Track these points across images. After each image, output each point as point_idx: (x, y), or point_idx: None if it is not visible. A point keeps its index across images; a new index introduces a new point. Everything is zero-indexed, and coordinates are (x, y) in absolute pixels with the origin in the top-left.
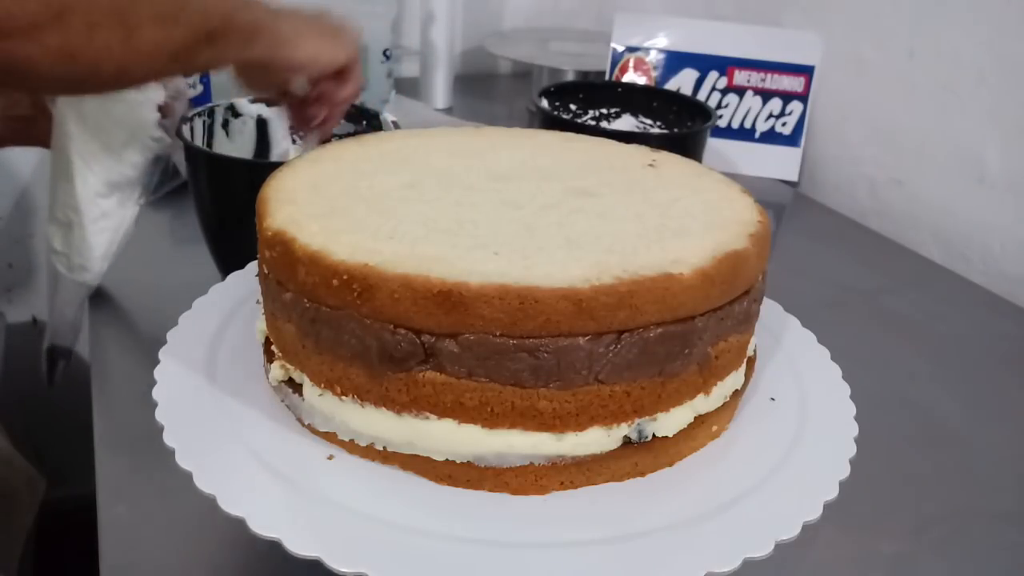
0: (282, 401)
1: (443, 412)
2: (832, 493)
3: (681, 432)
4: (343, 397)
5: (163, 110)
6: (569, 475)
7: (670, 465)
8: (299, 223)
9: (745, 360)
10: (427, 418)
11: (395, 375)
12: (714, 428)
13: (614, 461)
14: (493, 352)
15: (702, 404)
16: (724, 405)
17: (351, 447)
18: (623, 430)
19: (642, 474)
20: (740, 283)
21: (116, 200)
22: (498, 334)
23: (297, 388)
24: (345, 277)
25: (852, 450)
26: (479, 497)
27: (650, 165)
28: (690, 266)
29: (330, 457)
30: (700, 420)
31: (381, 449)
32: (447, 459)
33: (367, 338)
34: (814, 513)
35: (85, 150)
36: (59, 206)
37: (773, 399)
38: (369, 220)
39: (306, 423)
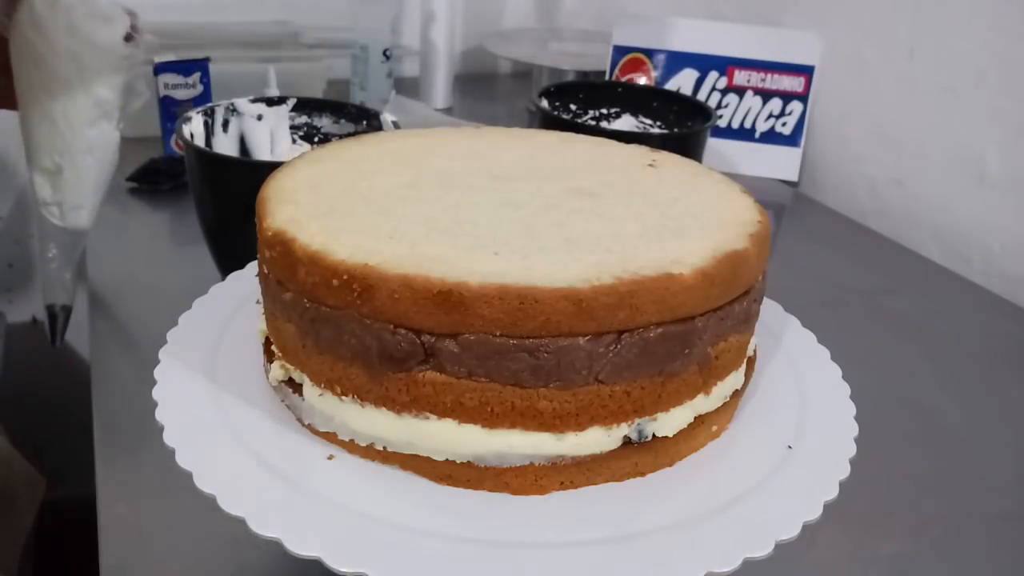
0: (282, 401)
1: (443, 412)
2: (832, 493)
3: (681, 432)
4: (343, 397)
5: (127, 36)
6: (569, 475)
7: (670, 465)
8: (299, 223)
9: (745, 360)
10: (427, 418)
11: (395, 375)
12: (714, 428)
13: (614, 461)
14: (493, 352)
15: (702, 404)
16: (724, 405)
17: (351, 447)
18: (623, 430)
19: (642, 474)
20: (740, 283)
21: (99, 130)
22: (498, 334)
23: (297, 388)
24: (345, 277)
25: (852, 450)
26: (479, 497)
27: (650, 165)
28: (690, 266)
29: (330, 457)
30: (700, 420)
31: (381, 449)
32: (447, 459)
33: (367, 338)
34: (814, 513)
35: (64, 78)
36: (43, 154)
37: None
38: (369, 220)
39: (306, 423)
